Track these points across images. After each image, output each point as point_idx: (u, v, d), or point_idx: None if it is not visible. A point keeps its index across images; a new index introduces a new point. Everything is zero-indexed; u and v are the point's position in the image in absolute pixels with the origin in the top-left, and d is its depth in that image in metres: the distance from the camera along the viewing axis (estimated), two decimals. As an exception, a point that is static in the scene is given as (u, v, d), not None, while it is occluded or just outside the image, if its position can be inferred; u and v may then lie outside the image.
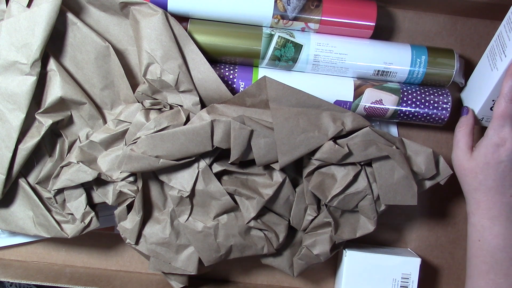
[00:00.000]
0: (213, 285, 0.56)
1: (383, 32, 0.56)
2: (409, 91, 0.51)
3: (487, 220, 0.47)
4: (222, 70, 0.51)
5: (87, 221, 0.50)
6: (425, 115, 0.51)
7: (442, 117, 0.51)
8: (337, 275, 0.56)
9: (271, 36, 0.50)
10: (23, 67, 0.45)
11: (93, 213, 0.50)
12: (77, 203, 0.49)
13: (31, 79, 0.46)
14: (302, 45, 0.50)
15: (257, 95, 0.47)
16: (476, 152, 0.48)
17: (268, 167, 0.49)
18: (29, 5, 0.46)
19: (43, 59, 0.47)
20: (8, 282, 0.57)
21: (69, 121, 0.49)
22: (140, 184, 0.48)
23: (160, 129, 0.46)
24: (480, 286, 0.48)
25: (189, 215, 0.49)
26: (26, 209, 0.50)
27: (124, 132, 0.48)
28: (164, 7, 0.49)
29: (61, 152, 0.50)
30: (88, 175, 0.48)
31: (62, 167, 0.48)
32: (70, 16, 0.47)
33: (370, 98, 0.51)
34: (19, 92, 0.46)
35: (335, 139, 0.46)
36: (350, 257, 0.51)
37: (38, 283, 0.49)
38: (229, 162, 0.47)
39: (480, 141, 0.48)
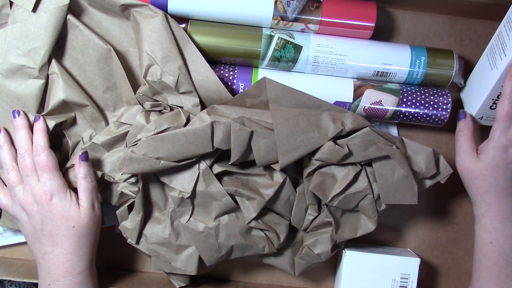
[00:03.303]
0: (214, 284, 0.56)
1: (383, 32, 0.56)
2: (409, 92, 0.51)
3: (498, 222, 0.47)
4: (222, 71, 0.51)
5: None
6: (425, 115, 0.52)
7: (442, 117, 0.52)
8: (336, 275, 0.56)
9: (271, 37, 0.50)
10: (31, 71, 0.46)
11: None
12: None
13: (39, 82, 0.47)
14: (302, 46, 0.50)
15: (257, 96, 0.47)
16: (483, 154, 0.47)
17: (268, 168, 0.49)
18: (34, 10, 0.46)
19: (46, 62, 0.47)
20: (8, 281, 0.57)
21: (73, 122, 0.50)
22: (141, 185, 0.48)
23: (161, 131, 0.46)
24: None
25: (190, 216, 0.49)
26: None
27: (125, 134, 0.48)
28: (164, 8, 0.49)
29: (65, 152, 0.50)
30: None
31: (66, 169, 0.49)
32: (72, 19, 0.47)
33: (370, 99, 0.51)
34: (28, 95, 0.47)
35: (335, 139, 0.46)
36: (349, 257, 0.52)
37: (40, 282, 0.50)
38: (230, 163, 0.47)
39: (486, 143, 0.48)
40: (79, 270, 0.46)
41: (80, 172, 0.46)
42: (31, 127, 0.48)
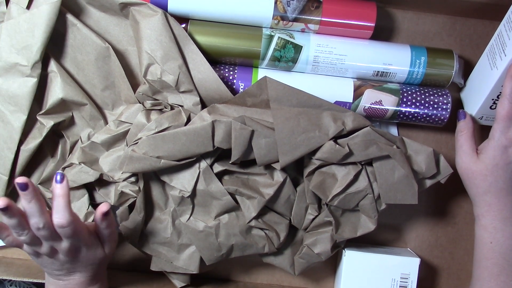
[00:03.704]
0: (214, 283, 0.56)
1: (383, 32, 0.56)
2: (409, 92, 0.51)
3: (498, 222, 0.47)
4: (222, 71, 0.51)
5: (90, 221, 0.50)
6: (425, 115, 0.52)
7: (442, 117, 0.52)
8: (336, 275, 0.56)
9: (271, 37, 0.50)
10: (23, 69, 0.46)
11: (95, 213, 0.50)
12: (80, 204, 0.50)
13: (32, 81, 0.46)
14: (302, 46, 0.50)
15: (258, 95, 0.47)
16: (483, 154, 0.48)
17: (269, 167, 0.49)
18: (28, 7, 0.46)
19: (44, 61, 0.47)
20: (8, 281, 0.57)
21: (71, 121, 0.49)
22: (141, 184, 0.48)
23: (161, 130, 0.46)
24: None
25: (191, 215, 0.49)
26: (28, 209, 0.51)
27: (125, 132, 0.48)
28: (164, 8, 0.49)
29: (63, 152, 0.50)
30: (90, 176, 0.48)
31: (64, 168, 0.49)
32: (70, 17, 0.47)
33: (370, 99, 0.51)
34: (20, 93, 0.46)
35: (335, 138, 0.46)
36: (349, 257, 0.52)
37: (40, 281, 0.50)
38: (230, 162, 0.47)
39: (486, 143, 0.48)
40: (96, 281, 0.47)
41: (102, 224, 0.43)
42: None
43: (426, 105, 0.51)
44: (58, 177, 0.39)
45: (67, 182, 0.40)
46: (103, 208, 0.42)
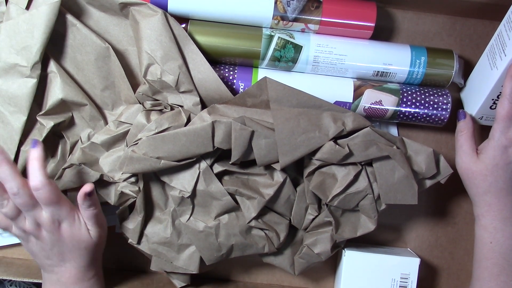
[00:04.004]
0: (214, 283, 0.56)
1: (383, 32, 0.56)
2: (409, 92, 0.51)
3: (498, 222, 0.47)
4: (222, 71, 0.51)
5: None
6: (425, 115, 0.52)
7: (442, 117, 0.52)
8: (336, 275, 0.56)
9: (271, 37, 0.50)
10: (23, 69, 0.46)
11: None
12: (80, 204, 0.50)
13: (32, 82, 0.46)
14: (302, 46, 0.50)
15: (258, 95, 0.47)
16: (483, 154, 0.48)
17: (269, 167, 0.49)
18: (27, 7, 0.46)
19: (43, 61, 0.47)
20: (8, 281, 0.57)
21: (70, 122, 0.49)
22: (141, 184, 0.48)
23: (161, 130, 0.46)
24: None
25: (191, 215, 0.49)
26: (28, 209, 0.50)
27: (125, 133, 0.48)
28: (164, 8, 0.49)
29: (63, 153, 0.50)
30: (90, 176, 0.48)
31: (64, 169, 0.49)
32: (70, 18, 0.47)
33: (370, 99, 0.51)
34: (20, 94, 0.46)
35: (335, 139, 0.46)
36: (349, 257, 0.52)
37: (40, 281, 0.50)
38: (230, 162, 0.47)
39: (486, 143, 0.48)
40: (89, 276, 0.47)
41: (84, 204, 0.44)
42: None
43: (426, 105, 0.51)
44: (33, 143, 0.42)
45: (42, 147, 0.42)
46: (86, 188, 0.42)
